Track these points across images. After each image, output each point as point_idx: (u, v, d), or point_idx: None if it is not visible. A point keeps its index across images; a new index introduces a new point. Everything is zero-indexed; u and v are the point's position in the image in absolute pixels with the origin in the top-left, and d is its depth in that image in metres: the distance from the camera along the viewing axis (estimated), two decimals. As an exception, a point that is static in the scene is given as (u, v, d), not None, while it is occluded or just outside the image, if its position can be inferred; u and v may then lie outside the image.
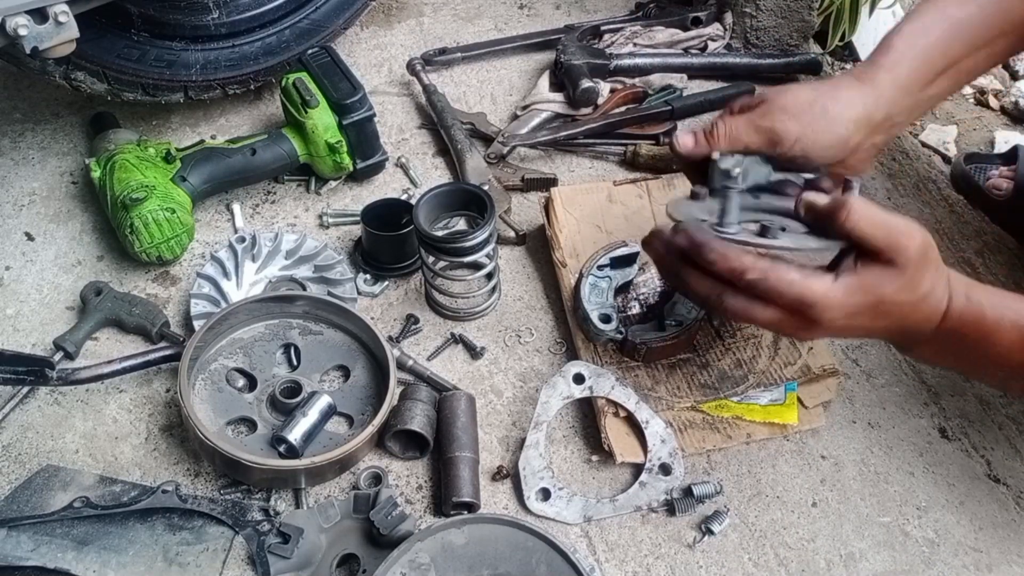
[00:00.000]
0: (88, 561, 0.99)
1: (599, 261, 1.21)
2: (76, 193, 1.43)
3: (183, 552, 1.01)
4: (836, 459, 1.12)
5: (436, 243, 1.18)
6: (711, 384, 1.14)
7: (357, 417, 1.13)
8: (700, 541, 1.04)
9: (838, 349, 1.22)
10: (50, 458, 1.10)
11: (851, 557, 1.03)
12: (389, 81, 1.63)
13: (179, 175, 1.31)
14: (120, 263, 1.32)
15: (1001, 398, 1.18)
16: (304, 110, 1.34)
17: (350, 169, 1.40)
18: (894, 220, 0.84)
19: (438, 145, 1.51)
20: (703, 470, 1.10)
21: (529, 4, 1.81)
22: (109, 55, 1.37)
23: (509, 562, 0.97)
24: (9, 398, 1.15)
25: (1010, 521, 1.07)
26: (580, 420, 1.15)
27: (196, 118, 1.55)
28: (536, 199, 1.41)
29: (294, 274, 1.28)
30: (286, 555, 0.99)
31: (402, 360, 1.18)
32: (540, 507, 1.06)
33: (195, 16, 1.42)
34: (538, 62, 1.66)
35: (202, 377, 1.14)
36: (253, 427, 1.10)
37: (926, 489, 1.09)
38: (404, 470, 1.10)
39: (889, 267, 0.84)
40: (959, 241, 1.36)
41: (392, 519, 0.99)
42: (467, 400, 1.12)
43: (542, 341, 1.24)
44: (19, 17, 1.09)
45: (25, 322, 1.25)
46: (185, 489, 1.07)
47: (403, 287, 1.30)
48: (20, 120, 1.53)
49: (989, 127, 1.62)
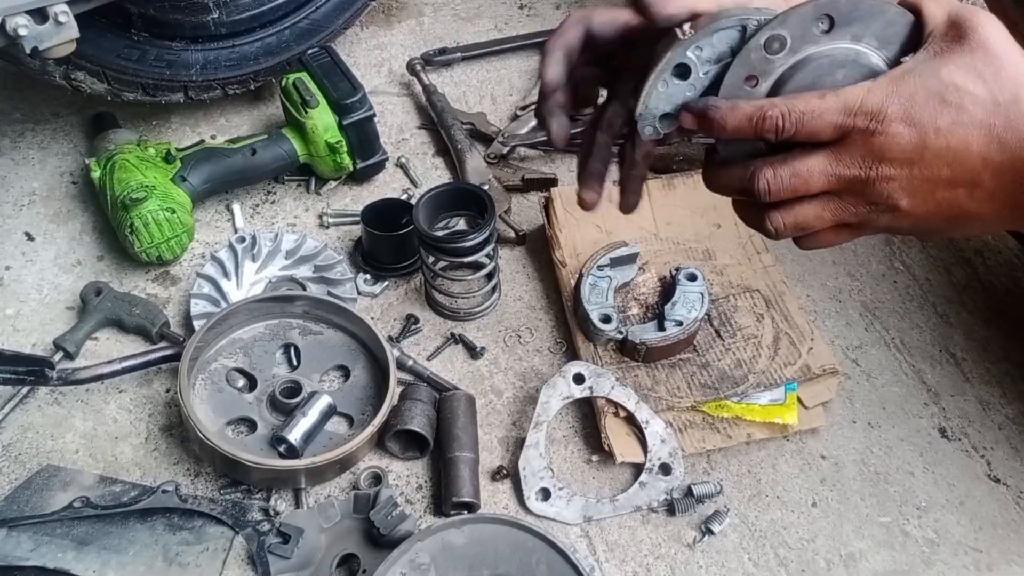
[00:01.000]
0: (88, 561, 0.99)
1: (599, 261, 1.21)
2: (76, 193, 1.43)
3: (183, 552, 1.01)
4: (836, 459, 1.12)
5: (436, 243, 1.18)
6: (711, 384, 1.14)
7: (357, 417, 1.13)
8: (700, 541, 1.04)
9: (838, 349, 1.22)
10: (50, 458, 1.10)
11: (851, 557, 1.03)
12: (389, 81, 1.63)
13: (179, 175, 1.31)
14: (120, 263, 1.32)
15: (1001, 398, 1.18)
16: (304, 110, 1.34)
17: (350, 169, 1.40)
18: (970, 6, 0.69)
19: (438, 145, 1.51)
20: (703, 470, 1.10)
21: (529, 4, 1.81)
22: (109, 55, 1.37)
23: (509, 562, 0.97)
24: (9, 398, 1.15)
25: (1010, 521, 1.07)
26: (580, 420, 1.15)
27: (196, 118, 1.54)
28: (536, 199, 1.41)
29: (294, 274, 1.28)
30: (286, 555, 1.00)
31: (402, 360, 1.18)
32: (540, 507, 1.06)
33: (195, 16, 1.42)
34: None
35: (202, 377, 1.14)
36: (253, 427, 1.10)
37: (926, 489, 1.09)
38: (404, 470, 1.10)
39: (948, 46, 0.69)
40: (959, 241, 1.36)
41: (392, 519, 0.99)
42: (467, 400, 1.12)
43: (542, 341, 1.24)
44: (19, 17, 1.09)
45: (25, 322, 1.25)
46: (185, 489, 1.07)
47: (403, 287, 1.30)
48: (20, 120, 1.53)
49: (989, 127, 1.62)
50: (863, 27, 0.74)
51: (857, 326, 1.25)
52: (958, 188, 0.73)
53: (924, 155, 0.71)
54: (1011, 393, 1.18)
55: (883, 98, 0.71)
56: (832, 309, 1.27)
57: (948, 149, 0.71)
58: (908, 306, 1.28)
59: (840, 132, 0.72)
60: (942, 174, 0.72)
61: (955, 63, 0.70)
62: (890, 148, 0.71)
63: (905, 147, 0.71)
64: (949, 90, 0.70)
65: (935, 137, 0.70)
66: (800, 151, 0.74)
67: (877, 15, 0.74)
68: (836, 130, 0.72)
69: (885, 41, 0.75)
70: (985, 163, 0.71)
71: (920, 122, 0.70)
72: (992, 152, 0.70)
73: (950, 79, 0.70)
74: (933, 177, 0.72)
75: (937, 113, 0.70)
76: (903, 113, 0.70)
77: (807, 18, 0.73)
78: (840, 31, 0.74)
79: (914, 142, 0.71)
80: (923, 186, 0.73)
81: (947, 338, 1.24)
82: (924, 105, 0.70)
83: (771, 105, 0.73)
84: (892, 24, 0.74)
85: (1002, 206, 0.73)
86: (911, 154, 0.71)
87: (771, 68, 0.75)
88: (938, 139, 0.70)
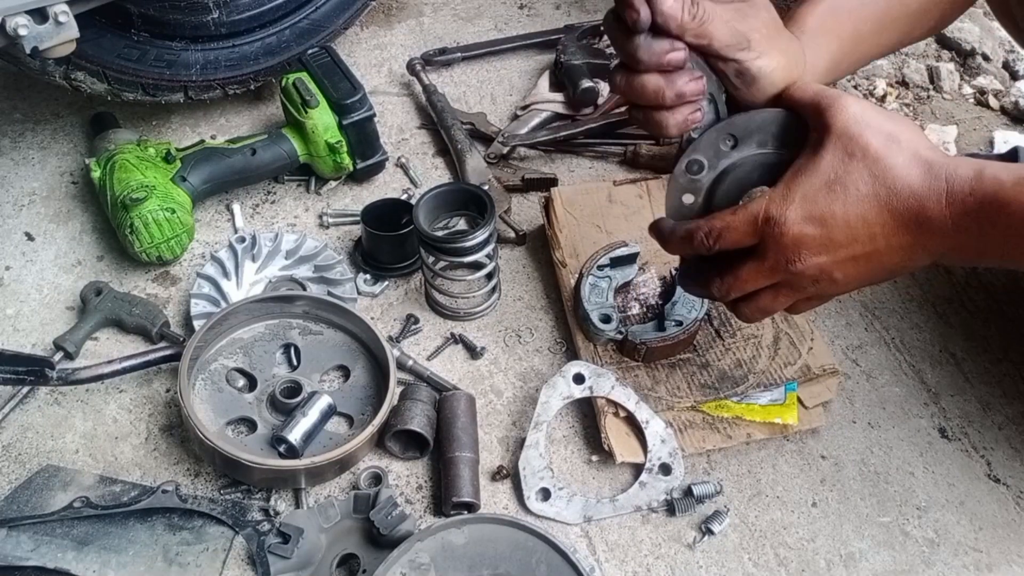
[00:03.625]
0: (88, 561, 0.99)
1: (599, 261, 1.21)
2: (76, 193, 1.43)
3: (183, 552, 1.01)
4: (836, 459, 1.12)
5: (436, 243, 1.18)
6: (711, 384, 1.14)
7: (357, 417, 1.13)
8: (700, 541, 1.04)
9: (838, 349, 1.22)
10: (50, 458, 1.10)
11: (851, 557, 1.03)
12: (389, 81, 1.63)
13: (179, 175, 1.31)
14: (120, 263, 1.32)
15: (1001, 398, 1.18)
16: (304, 110, 1.34)
17: (350, 169, 1.40)
18: (833, 89, 0.80)
19: (438, 145, 1.51)
20: (703, 470, 1.10)
21: (529, 4, 1.81)
22: (109, 55, 1.37)
23: (509, 562, 0.97)
24: (9, 398, 1.15)
25: (1010, 521, 1.07)
26: (580, 420, 1.15)
27: (196, 118, 1.55)
28: (536, 199, 1.41)
29: (294, 274, 1.28)
30: (286, 555, 1.00)
31: (402, 360, 1.18)
32: (540, 507, 1.06)
33: (195, 16, 1.42)
34: (538, 62, 1.66)
35: (202, 377, 1.14)
36: (253, 427, 1.10)
37: (926, 489, 1.09)
38: (404, 470, 1.10)
39: (819, 138, 0.80)
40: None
41: (392, 519, 0.99)
42: (467, 400, 1.12)
43: (542, 341, 1.24)
44: (19, 17, 1.09)
45: (25, 322, 1.25)
46: (185, 489, 1.07)
47: (403, 287, 1.30)
48: (20, 120, 1.54)
49: (989, 127, 1.62)
50: (763, 135, 0.87)
51: (857, 326, 1.25)
52: (876, 252, 0.83)
53: (833, 239, 0.82)
54: (1011, 393, 1.18)
55: (781, 204, 0.82)
56: (832, 309, 1.27)
57: (850, 227, 0.81)
58: (908, 306, 1.28)
59: (757, 238, 0.84)
60: (856, 249, 0.83)
61: (829, 154, 0.80)
62: (802, 243, 0.82)
63: (814, 239, 0.82)
64: (831, 179, 0.80)
65: (835, 222, 0.81)
66: (739, 259, 0.87)
67: (770, 123, 0.86)
68: (753, 237, 0.84)
69: (784, 141, 0.86)
70: (885, 226, 0.81)
71: (818, 215, 0.81)
72: (886, 217, 0.81)
73: (829, 170, 0.80)
74: (850, 254, 0.83)
75: (829, 201, 0.80)
76: (802, 213, 0.81)
77: (713, 141, 0.87)
78: (745, 143, 0.87)
79: (819, 233, 0.81)
80: (846, 262, 0.84)
81: (947, 338, 1.24)
82: (815, 199, 0.81)
83: (696, 227, 0.87)
84: (784, 127, 0.86)
85: (922, 252, 0.83)
86: (821, 242, 0.82)
87: (699, 185, 0.89)
88: (838, 223, 0.81)
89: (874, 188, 0.80)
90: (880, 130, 0.80)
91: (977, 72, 1.71)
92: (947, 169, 0.79)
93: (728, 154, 0.87)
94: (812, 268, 0.84)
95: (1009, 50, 1.74)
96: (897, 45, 1.12)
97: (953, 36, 1.74)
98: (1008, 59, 1.72)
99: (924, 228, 0.80)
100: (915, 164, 0.79)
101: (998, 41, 1.75)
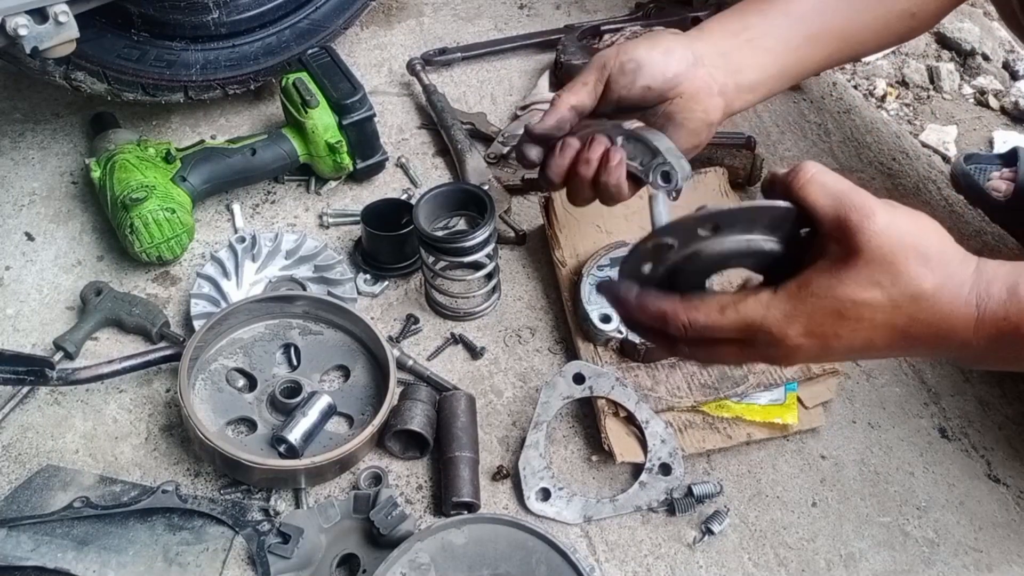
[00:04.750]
0: (88, 561, 0.99)
1: (599, 261, 1.21)
2: (76, 193, 1.43)
3: (183, 552, 1.01)
4: (836, 459, 1.12)
5: (436, 243, 1.18)
6: (711, 384, 1.14)
7: (357, 417, 1.13)
8: (700, 541, 1.04)
9: (838, 349, 1.22)
10: (50, 458, 1.10)
11: (851, 557, 1.03)
12: (389, 81, 1.63)
13: (179, 175, 1.31)
14: (120, 263, 1.32)
15: (1001, 398, 1.18)
16: (304, 110, 1.34)
17: (350, 169, 1.40)
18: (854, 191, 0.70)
19: (438, 145, 1.51)
20: (703, 470, 1.10)
21: (529, 4, 1.81)
22: (109, 55, 1.37)
23: (509, 562, 0.97)
24: (9, 398, 1.15)
25: (1010, 521, 1.07)
26: (580, 420, 1.15)
27: (196, 118, 1.55)
28: (536, 199, 1.41)
29: (294, 274, 1.28)
30: (286, 555, 1.00)
31: (402, 360, 1.18)
32: (540, 507, 1.06)
33: (195, 16, 1.42)
34: (538, 62, 1.66)
35: (202, 377, 1.14)
36: (253, 427, 1.10)
37: (926, 489, 1.09)
38: (404, 470, 1.10)
39: (842, 257, 0.70)
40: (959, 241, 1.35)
41: (392, 519, 0.99)
42: (467, 400, 1.12)
43: (542, 341, 1.24)
44: (19, 17, 1.09)
45: (25, 322, 1.25)
46: (185, 489, 1.07)
47: (403, 287, 1.30)
48: (20, 120, 1.53)
49: (989, 127, 1.62)
50: (749, 224, 0.75)
51: (857, 326, 1.25)
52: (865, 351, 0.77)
53: (829, 350, 0.75)
54: (1011, 393, 1.18)
55: (781, 319, 0.73)
56: (832, 309, 1.27)
57: (851, 349, 0.75)
58: (908, 306, 1.28)
59: (743, 337, 0.76)
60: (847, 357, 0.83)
61: (852, 278, 0.71)
62: (795, 353, 0.76)
63: (809, 350, 0.75)
64: (847, 306, 0.72)
65: (838, 343, 0.74)
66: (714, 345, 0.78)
67: (761, 214, 0.75)
68: (739, 336, 0.76)
69: (775, 228, 0.76)
70: (892, 348, 0.76)
71: (821, 333, 0.74)
72: (896, 340, 0.74)
73: (847, 296, 0.71)
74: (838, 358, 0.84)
75: (837, 326, 0.73)
76: (803, 330, 0.73)
77: (690, 227, 0.76)
78: (728, 230, 0.75)
79: (816, 345, 0.74)
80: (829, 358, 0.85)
81: (947, 338, 1.24)
82: (823, 321, 0.73)
83: (673, 312, 0.76)
84: (777, 217, 0.75)
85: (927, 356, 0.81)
86: (816, 353, 0.76)
87: (665, 259, 0.79)
88: (841, 343, 0.74)
89: (892, 318, 0.73)
90: (914, 249, 0.71)
91: (977, 72, 1.71)
92: (979, 290, 0.73)
93: (705, 239, 0.76)
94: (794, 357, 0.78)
95: (1009, 50, 1.74)
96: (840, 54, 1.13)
97: (953, 36, 1.74)
98: (1008, 59, 1.73)
99: (942, 348, 0.76)
100: (945, 290, 0.72)
101: (998, 41, 1.76)
